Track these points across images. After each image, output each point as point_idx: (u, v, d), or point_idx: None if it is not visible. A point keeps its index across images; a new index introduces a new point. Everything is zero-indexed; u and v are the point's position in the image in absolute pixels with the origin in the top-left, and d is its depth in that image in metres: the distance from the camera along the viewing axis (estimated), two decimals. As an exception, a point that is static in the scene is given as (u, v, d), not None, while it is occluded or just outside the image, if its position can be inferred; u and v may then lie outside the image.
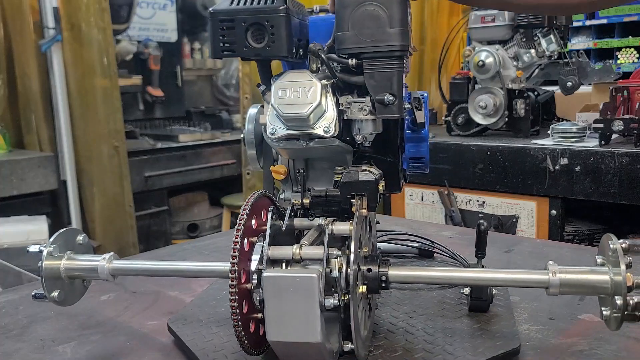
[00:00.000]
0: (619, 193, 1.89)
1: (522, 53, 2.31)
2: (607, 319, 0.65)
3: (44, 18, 3.02)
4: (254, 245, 0.70)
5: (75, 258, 0.80)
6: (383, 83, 0.72)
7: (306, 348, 0.65)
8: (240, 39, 0.72)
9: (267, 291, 0.64)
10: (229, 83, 4.84)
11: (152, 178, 3.51)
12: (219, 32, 0.73)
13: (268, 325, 0.65)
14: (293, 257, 0.68)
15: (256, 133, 0.87)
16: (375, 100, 0.72)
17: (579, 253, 1.22)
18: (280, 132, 0.73)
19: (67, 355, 0.81)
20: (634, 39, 3.49)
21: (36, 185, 2.78)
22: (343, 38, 0.72)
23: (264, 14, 0.71)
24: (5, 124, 2.99)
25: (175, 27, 4.30)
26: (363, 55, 0.71)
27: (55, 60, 2.99)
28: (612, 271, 0.65)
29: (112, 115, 3.08)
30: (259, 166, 0.89)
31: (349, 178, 0.73)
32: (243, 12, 0.71)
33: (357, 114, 0.75)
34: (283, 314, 0.64)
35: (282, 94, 0.71)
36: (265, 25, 0.71)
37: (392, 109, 0.72)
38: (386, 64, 0.72)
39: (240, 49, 0.73)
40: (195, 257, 1.26)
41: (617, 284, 0.64)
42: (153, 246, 3.39)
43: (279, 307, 0.64)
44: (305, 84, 0.71)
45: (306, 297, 0.63)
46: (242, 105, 2.97)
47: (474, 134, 2.41)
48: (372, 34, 0.71)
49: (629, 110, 2.06)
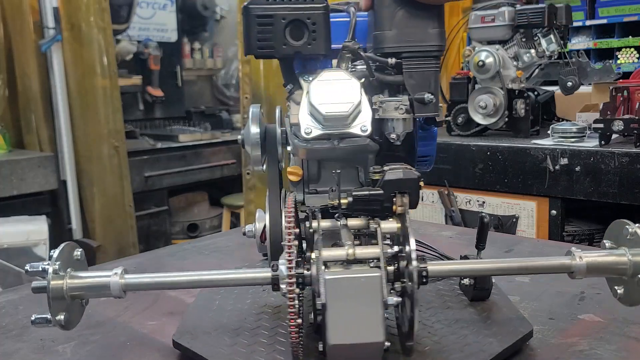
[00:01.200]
0: (619, 193, 1.89)
1: (522, 53, 2.31)
2: (625, 296, 0.71)
3: (44, 18, 3.02)
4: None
5: (78, 275, 0.72)
6: (422, 82, 0.72)
7: (366, 348, 0.64)
8: (279, 36, 0.70)
9: (329, 294, 0.62)
10: (229, 83, 4.84)
11: (152, 178, 3.51)
12: (256, 29, 0.70)
13: (331, 329, 0.63)
14: (347, 257, 0.67)
15: (261, 133, 0.85)
16: (414, 99, 0.73)
17: (579, 253, 1.22)
18: (315, 132, 0.71)
19: (67, 355, 0.81)
20: (634, 39, 3.49)
21: (36, 185, 2.78)
22: (383, 37, 0.72)
23: (305, 10, 0.70)
24: (5, 124, 3.00)
25: (175, 27, 4.31)
26: (403, 54, 0.72)
27: (55, 60, 2.99)
28: (630, 252, 0.70)
29: (112, 115, 3.08)
30: (262, 168, 0.88)
31: (394, 176, 0.71)
32: (283, 8, 0.70)
33: (391, 112, 0.75)
34: (346, 316, 0.63)
35: (321, 93, 0.70)
36: (307, 22, 0.70)
37: (431, 108, 0.73)
38: (425, 64, 0.73)
39: (279, 46, 0.71)
40: (195, 257, 1.26)
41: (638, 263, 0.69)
42: (153, 246, 3.39)
43: (342, 310, 0.63)
44: (345, 83, 0.70)
45: (370, 297, 0.63)
46: (242, 105, 2.97)
47: (474, 134, 2.41)
48: (413, 33, 0.71)
49: (629, 110, 2.06)
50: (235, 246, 1.31)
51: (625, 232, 0.71)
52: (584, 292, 0.97)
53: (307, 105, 0.71)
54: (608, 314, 0.88)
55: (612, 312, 0.88)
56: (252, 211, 2.99)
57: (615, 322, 0.85)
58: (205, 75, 4.75)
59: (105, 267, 1.23)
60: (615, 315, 0.87)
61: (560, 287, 0.99)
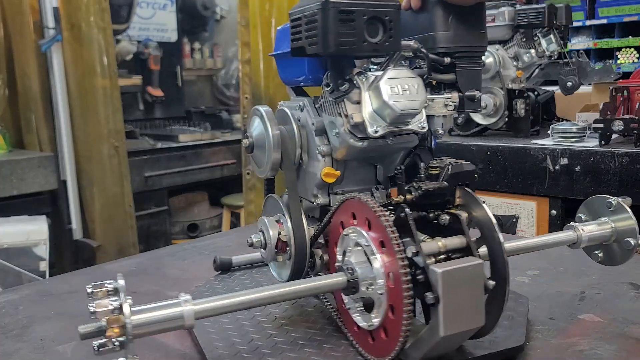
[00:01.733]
0: (619, 193, 1.88)
1: (522, 53, 2.31)
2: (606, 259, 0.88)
3: (44, 18, 3.02)
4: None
5: (142, 309, 0.62)
6: (472, 80, 0.77)
7: (467, 334, 0.67)
8: (359, 33, 0.70)
9: (442, 286, 0.63)
10: (229, 83, 4.84)
11: (152, 178, 3.51)
12: (337, 25, 0.68)
13: (444, 321, 0.63)
14: (440, 250, 0.69)
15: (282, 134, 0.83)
16: (465, 96, 0.76)
17: (579, 253, 1.22)
18: (381, 130, 0.73)
19: (67, 355, 0.81)
20: (634, 39, 3.49)
21: (36, 185, 2.78)
22: (438, 38, 0.75)
23: (383, 7, 0.70)
24: (5, 124, 3.00)
25: (175, 27, 4.31)
26: (456, 54, 0.75)
27: (55, 60, 2.99)
28: (611, 220, 0.86)
29: (112, 115, 3.08)
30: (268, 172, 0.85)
31: (457, 169, 0.74)
32: (363, 4, 0.70)
33: (440, 109, 0.77)
34: (455, 306, 0.64)
35: (393, 91, 0.71)
36: (384, 19, 0.71)
37: (477, 104, 0.77)
38: (474, 63, 0.77)
39: (359, 44, 0.70)
40: (195, 257, 1.26)
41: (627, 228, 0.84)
42: (153, 246, 3.39)
43: (452, 301, 0.63)
44: (412, 81, 0.73)
45: (474, 285, 0.65)
46: (242, 105, 2.97)
47: (474, 134, 2.41)
48: (465, 35, 0.75)
49: (629, 110, 2.06)
50: (235, 246, 1.31)
51: (608, 204, 0.87)
52: (584, 292, 0.97)
53: (373, 104, 0.72)
54: (608, 314, 0.88)
55: (612, 312, 0.88)
56: (252, 211, 2.99)
57: (615, 322, 0.85)
58: (205, 75, 4.75)
59: (105, 267, 1.24)
60: (615, 315, 0.87)
61: (560, 287, 0.99)
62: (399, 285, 0.64)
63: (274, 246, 0.83)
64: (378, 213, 0.67)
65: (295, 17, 0.75)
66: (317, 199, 0.83)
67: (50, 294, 1.05)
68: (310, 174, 0.84)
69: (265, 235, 0.84)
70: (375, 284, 0.67)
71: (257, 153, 0.86)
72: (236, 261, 1.10)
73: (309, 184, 0.85)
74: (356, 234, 0.72)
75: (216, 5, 4.65)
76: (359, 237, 0.71)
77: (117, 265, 1.22)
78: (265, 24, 2.85)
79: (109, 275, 1.13)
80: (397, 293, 0.64)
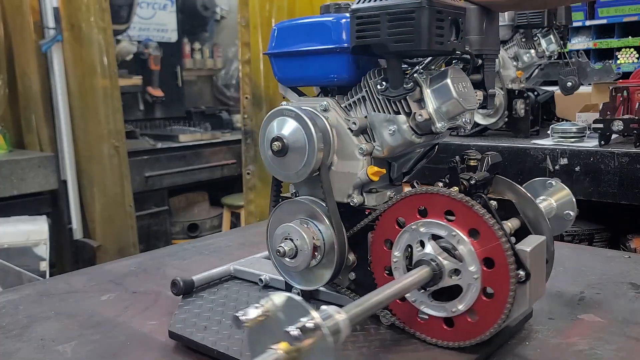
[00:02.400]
0: (619, 193, 1.88)
1: (522, 53, 2.31)
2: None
3: (44, 18, 3.03)
4: None
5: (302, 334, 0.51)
6: (492, 79, 0.85)
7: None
8: (447, 32, 0.74)
9: (530, 263, 0.69)
10: (229, 83, 4.85)
11: (152, 178, 3.51)
12: (434, 24, 0.72)
13: (530, 294, 0.70)
14: (510, 231, 0.76)
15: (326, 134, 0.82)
16: (489, 95, 0.84)
17: (579, 253, 1.22)
18: (445, 126, 0.78)
19: (67, 355, 0.81)
20: (633, 39, 3.49)
21: (36, 185, 2.79)
22: (474, 40, 0.81)
23: (460, 11, 0.76)
24: (6, 124, 3.00)
25: (175, 27, 4.31)
26: (484, 56, 0.82)
27: (55, 60, 2.99)
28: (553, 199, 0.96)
29: (112, 115, 3.08)
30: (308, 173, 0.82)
31: (497, 159, 0.85)
32: (449, 6, 0.74)
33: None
34: (537, 279, 0.71)
35: (458, 90, 0.77)
36: (459, 22, 0.76)
37: (492, 101, 0.85)
38: (493, 64, 0.85)
39: (445, 43, 0.74)
40: (195, 257, 1.26)
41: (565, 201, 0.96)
42: (153, 246, 3.39)
43: (536, 275, 0.71)
44: (465, 80, 0.79)
45: (543, 259, 0.75)
46: (242, 105, 2.97)
47: (473, 134, 2.41)
48: (492, 39, 0.83)
49: (629, 110, 2.06)
50: (235, 246, 1.31)
51: (548, 185, 0.96)
52: (583, 292, 0.97)
53: (436, 101, 0.77)
54: (608, 314, 0.88)
55: (612, 312, 0.88)
56: (252, 211, 2.99)
57: (615, 322, 0.85)
58: (205, 75, 4.75)
59: (105, 267, 1.24)
60: (615, 315, 0.87)
61: (560, 287, 0.99)
62: (502, 267, 0.69)
63: (311, 252, 0.81)
64: (469, 203, 0.71)
65: (370, 14, 0.75)
66: (353, 199, 0.83)
67: (50, 294, 1.05)
68: (341, 175, 0.84)
69: (296, 242, 0.82)
70: (465, 270, 0.71)
71: (292, 156, 0.82)
72: (198, 281, 0.98)
73: (340, 185, 0.84)
74: (428, 227, 0.74)
75: (216, 6, 4.65)
76: (435, 229, 0.74)
77: (117, 265, 1.22)
78: (265, 24, 2.86)
79: (109, 275, 1.14)
80: (498, 275, 0.69)
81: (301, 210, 0.85)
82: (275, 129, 0.83)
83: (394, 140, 0.80)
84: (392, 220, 0.78)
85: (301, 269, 0.83)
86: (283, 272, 0.89)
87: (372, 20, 0.75)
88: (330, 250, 0.82)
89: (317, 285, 0.85)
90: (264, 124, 0.85)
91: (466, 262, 0.71)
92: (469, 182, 0.79)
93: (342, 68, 0.82)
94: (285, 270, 0.88)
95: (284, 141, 0.81)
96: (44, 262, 2.54)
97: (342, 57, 0.81)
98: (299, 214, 0.85)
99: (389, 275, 0.79)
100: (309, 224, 0.83)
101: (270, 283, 0.97)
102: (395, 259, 0.78)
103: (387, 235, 0.79)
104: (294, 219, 0.85)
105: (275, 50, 0.88)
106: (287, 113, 0.82)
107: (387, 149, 0.81)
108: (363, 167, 0.82)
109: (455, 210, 0.72)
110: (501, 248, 0.68)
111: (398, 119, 0.79)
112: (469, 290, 0.71)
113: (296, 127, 0.81)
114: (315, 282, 0.85)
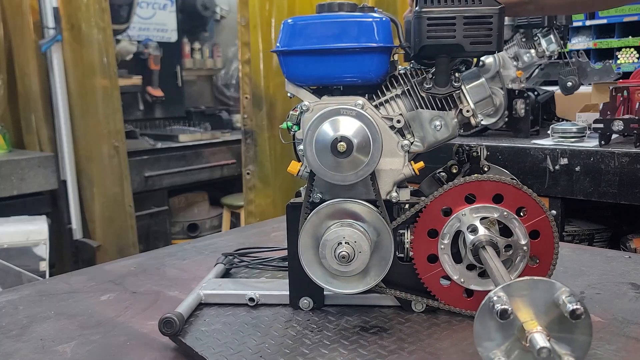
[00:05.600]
0: (618, 193, 1.88)
1: (522, 53, 2.31)
2: None
3: (44, 18, 3.02)
4: None
5: None
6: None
7: None
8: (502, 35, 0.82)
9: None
10: (229, 83, 4.84)
11: (152, 178, 3.51)
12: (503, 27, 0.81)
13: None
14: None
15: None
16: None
17: (579, 253, 1.22)
18: (481, 120, 0.87)
19: (67, 355, 0.81)
20: (634, 39, 3.49)
21: (36, 185, 2.78)
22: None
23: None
24: (5, 124, 2.99)
25: (175, 27, 4.31)
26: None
27: (55, 60, 2.98)
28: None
29: (112, 115, 3.08)
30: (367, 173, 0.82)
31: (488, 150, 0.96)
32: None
33: None
34: None
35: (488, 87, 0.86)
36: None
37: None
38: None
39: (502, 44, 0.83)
40: (195, 257, 1.26)
41: None
42: (153, 246, 3.39)
43: None
44: (488, 80, 0.85)
45: None
46: (242, 105, 2.97)
47: (473, 134, 2.41)
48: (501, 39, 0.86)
49: (629, 110, 2.06)
50: (235, 246, 1.31)
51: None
52: (583, 292, 0.97)
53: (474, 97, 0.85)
54: (608, 314, 0.88)
55: (612, 312, 0.88)
56: (252, 211, 2.98)
57: (615, 322, 0.85)
58: (205, 75, 4.75)
59: (105, 267, 1.24)
60: (615, 315, 0.87)
61: (560, 287, 0.99)
62: (547, 237, 0.83)
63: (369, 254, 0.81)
64: (518, 185, 0.81)
65: (445, 16, 0.79)
66: (393, 195, 0.86)
67: (50, 294, 1.05)
68: (383, 172, 0.86)
69: (354, 244, 0.81)
70: (517, 244, 0.82)
71: (357, 155, 0.79)
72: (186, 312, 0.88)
73: (381, 182, 0.86)
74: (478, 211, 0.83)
75: (216, 5, 4.65)
76: (486, 212, 0.83)
77: (117, 265, 1.22)
78: (265, 24, 2.85)
79: (109, 275, 1.14)
80: (544, 243, 0.83)
81: (343, 212, 0.83)
82: (331, 130, 0.79)
83: (440, 134, 0.85)
84: (437, 210, 0.84)
85: (358, 272, 0.82)
86: (321, 281, 0.85)
87: (447, 22, 0.79)
88: (377, 249, 0.84)
89: (367, 286, 0.85)
90: (312, 125, 0.80)
91: (519, 237, 0.82)
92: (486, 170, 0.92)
93: (380, 66, 0.84)
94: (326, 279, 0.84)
95: (351, 141, 0.78)
96: (43, 262, 2.53)
97: (382, 56, 0.83)
98: (341, 217, 0.83)
99: (431, 262, 0.85)
100: (354, 225, 0.83)
101: (262, 300, 0.93)
102: (443, 246, 0.84)
103: (432, 225, 0.84)
104: (335, 222, 0.83)
105: (288, 48, 0.83)
106: (347, 112, 0.79)
107: (428, 144, 0.86)
108: (405, 163, 0.86)
109: (504, 193, 0.82)
110: (547, 220, 0.82)
111: (448, 115, 0.84)
112: (520, 261, 0.83)
113: (359, 126, 0.79)
114: (364, 283, 0.85)
